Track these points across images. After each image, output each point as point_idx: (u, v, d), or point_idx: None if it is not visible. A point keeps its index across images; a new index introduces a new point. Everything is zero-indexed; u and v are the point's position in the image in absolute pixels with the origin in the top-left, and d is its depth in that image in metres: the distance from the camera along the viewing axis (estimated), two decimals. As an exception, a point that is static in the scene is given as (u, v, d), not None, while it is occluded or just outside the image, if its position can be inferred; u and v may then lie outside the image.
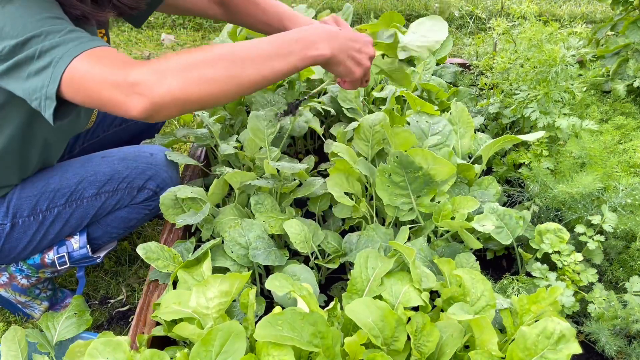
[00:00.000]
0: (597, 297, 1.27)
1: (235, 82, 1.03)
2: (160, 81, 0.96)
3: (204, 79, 0.99)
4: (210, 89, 1.01)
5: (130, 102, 0.96)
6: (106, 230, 1.56)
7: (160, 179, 1.55)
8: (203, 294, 1.08)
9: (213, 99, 1.02)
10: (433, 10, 3.72)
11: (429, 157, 1.35)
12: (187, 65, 0.99)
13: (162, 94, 0.96)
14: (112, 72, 0.97)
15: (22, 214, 1.43)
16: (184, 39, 3.53)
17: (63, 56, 0.99)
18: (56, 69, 0.99)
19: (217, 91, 1.02)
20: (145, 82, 0.95)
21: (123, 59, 1.01)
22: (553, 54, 1.67)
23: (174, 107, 0.99)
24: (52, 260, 1.51)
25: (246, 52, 1.04)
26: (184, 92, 0.98)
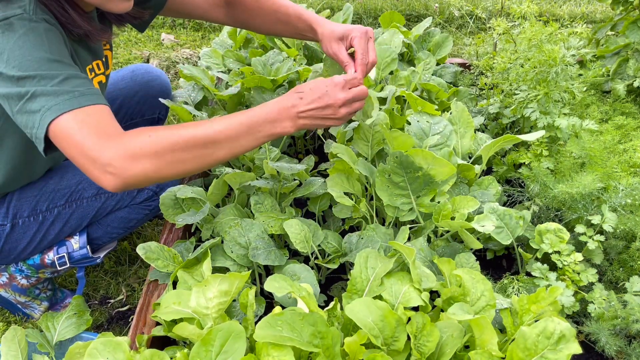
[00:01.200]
0: (597, 297, 1.27)
1: (206, 162, 1.11)
2: (133, 165, 1.02)
3: (177, 162, 1.06)
4: (182, 169, 1.09)
5: (103, 179, 1.03)
6: (106, 230, 1.56)
7: None
8: (203, 294, 1.08)
9: (184, 175, 1.11)
10: (433, 10, 3.72)
11: (429, 157, 1.35)
12: (161, 150, 1.04)
13: (135, 175, 1.03)
14: (89, 146, 1.02)
15: (22, 214, 1.43)
16: (184, 38, 3.53)
17: (52, 108, 1.03)
18: (43, 118, 1.03)
19: (189, 170, 1.10)
20: (118, 166, 1.01)
21: (105, 128, 1.04)
22: (553, 54, 1.67)
23: (146, 184, 1.08)
24: (52, 260, 1.51)
25: (218, 135, 1.10)
26: (157, 174, 1.05)
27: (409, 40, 2.29)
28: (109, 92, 1.79)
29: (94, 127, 1.03)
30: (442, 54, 2.36)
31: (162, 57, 3.23)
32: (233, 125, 1.12)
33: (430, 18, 2.45)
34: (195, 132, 1.08)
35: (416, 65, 2.20)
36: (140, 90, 1.85)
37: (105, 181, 1.03)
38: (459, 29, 3.61)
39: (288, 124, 1.17)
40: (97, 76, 1.41)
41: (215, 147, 1.10)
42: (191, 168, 1.10)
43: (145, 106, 1.88)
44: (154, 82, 1.87)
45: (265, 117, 1.15)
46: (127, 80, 1.85)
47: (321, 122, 1.20)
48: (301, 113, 1.17)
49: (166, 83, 1.92)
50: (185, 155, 1.07)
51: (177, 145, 1.06)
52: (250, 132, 1.13)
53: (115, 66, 3.17)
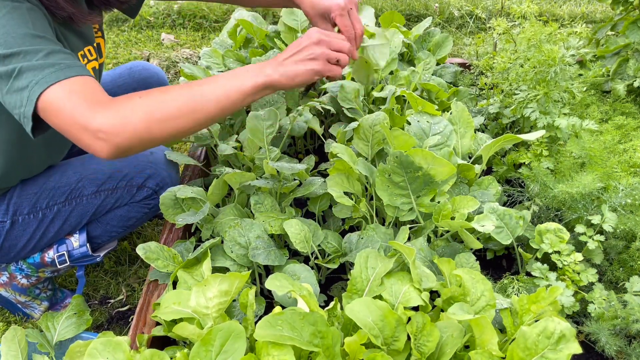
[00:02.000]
0: (597, 297, 1.27)
1: (197, 117, 1.10)
2: (124, 128, 1.01)
3: (167, 120, 1.06)
4: (174, 127, 1.07)
5: (96, 145, 1.02)
6: (106, 228, 1.56)
7: (160, 178, 1.55)
8: (203, 294, 1.08)
9: (177, 136, 1.10)
10: (433, 10, 3.72)
11: (429, 157, 1.35)
12: (150, 108, 1.04)
13: (127, 137, 1.02)
14: (80, 113, 1.01)
15: (22, 211, 1.43)
16: (184, 38, 3.53)
17: (39, 82, 1.02)
18: (32, 93, 1.02)
19: (181, 128, 1.09)
20: (109, 129, 1.01)
21: (93, 96, 1.04)
22: (552, 54, 1.67)
23: (139, 147, 1.06)
24: (52, 258, 1.51)
25: (203, 86, 1.10)
26: (149, 134, 1.05)
27: (409, 40, 2.29)
28: (107, 89, 1.80)
29: (83, 96, 1.03)
30: (442, 54, 2.36)
31: (162, 57, 3.23)
32: (216, 78, 1.13)
33: (430, 18, 2.45)
34: (182, 87, 1.09)
35: (416, 65, 2.20)
36: (138, 87, 1.85)
37: (98, 147, 1.02)
38: (459, 29, 3.61)
39: (270, 70, 1.16)
40: (90, 62, 1.41)
41: (202, 100, 1.09)
42: (183, 125, 1.09)
43: None
44: (152, 79, 1.87)
45: (248, 68, 1.17)
46: (124, 77, 1.85)
47: (304, 67, 1.19)
48: (279, 63, 1.18)
49: (164, 80, 1.92)
50: (174, 111, 1.06)
51: (165, 102, 1.05)
52: (235, 77, 1.13)
53: (115, 66, 3.17)
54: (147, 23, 3.69)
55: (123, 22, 3.70)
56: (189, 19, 3.71)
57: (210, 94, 1.10)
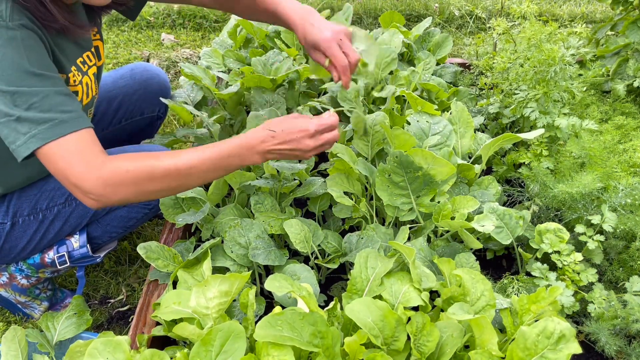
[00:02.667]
0: (597, 297, 1.27)
1: (178, 191, 1.24)
2: (112, 195, 1.13)
3: (152, 192, 1.18)
4: (156, 196, 1.22)
5: (86, 201, 1.15)
6: (106, 229, 1.56)
7: None
8: (203, 294, 1.08)
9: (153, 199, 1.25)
10: (433, 10, 3.72)
11: (429, 157, 1.35)
12: (139, 181, 1.15)
13: (114, 202, 1.15)
14: (72, 175, 1.11)
15: (22, 213, 1.43)
16: (184, 38, 3.53)
17: (36, 135, 1.09)
18: (28, 144, 1.09)
19: (162, 196, 1.24)
20: (99, 195, 1.12)
21: (86, 156, 1.12)
22: (552, 54, 1.67)
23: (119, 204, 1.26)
24: (52, 259, 1.51)
25: (190, 169, 1.18)
26: (135, 199, 1.19)
27: (408, 40, 2.29)
28: (109, 90, 1.79)
29: (77, 156, 1.11)
30: (442, 54, 2.36)
31: (162, 57, 3.23)
32: (203, 160, 1.19)
33: (430, 18, 2.45)
34: (170, 165, 1.17)
35: (416, 65, 2.20)
36: (140, 89, 1.85)
37: (88, 204, 1.15)
38: (459, 29, 3.61)
39: (256, 158, 1.24)
40: (90, 68, 1.41)
41: (187, 179, 1.19)
42: (165, 195, 1.23)
43: (144, 104, 1.89)
44: (153, 80, 1.87)
45: (234, 152, 1.22)
46: (126, 78, 1.85)
47: (289, 158, 1.28)
48: (270, 151, 1.24)
49: (165, 81, 1.92)
50: (160, 185, 1.17)
51: (153, 178, 1.15)
52: (219, 167, 1.22)
53: (116, 66, 3.17)
54: (147, 23, 3.69)
55: (123, 22, 3.70)
56: (189, 19, 3.71)
57: (197, 177, 1.20)
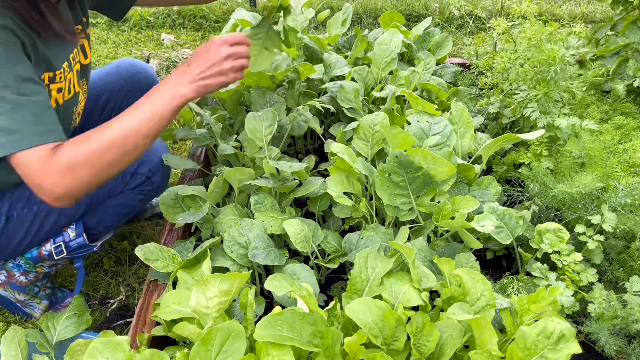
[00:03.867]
0: (597, 297, 1.27)
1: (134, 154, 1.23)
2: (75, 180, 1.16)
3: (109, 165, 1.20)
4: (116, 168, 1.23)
5: (53, 199, 1.17)
6: (101, 218, 1.56)
7: (152, 164, 1.55)
8: (203, 294, 1.08)
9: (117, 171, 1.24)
10: (433, 10, 3.72)
11: (429, 157, 1.35)
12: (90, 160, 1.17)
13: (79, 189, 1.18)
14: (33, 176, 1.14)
15: (15, 206, 1.43)
16: (184, 38, 3.53)
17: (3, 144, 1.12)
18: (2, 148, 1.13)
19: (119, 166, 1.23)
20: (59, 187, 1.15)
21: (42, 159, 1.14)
22: (552, 54, 1.67)
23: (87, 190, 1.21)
24: (50, 251, 1.51)
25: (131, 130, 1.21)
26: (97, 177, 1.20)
27: (408, 40, 2.29)
28: (95, 87, 1.79)
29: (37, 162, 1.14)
30: (442, 54, 2.36)
31: (162, 57, 3.22)
32: (139, 114, 1.23)
33: (430, 18, 2.45)
34: (111, 133, 1.19)
35: (416, 65, 2.20)
36: (126, 85, 1.85)
37: (56, 202, 1.18)
38: (459, 29, 3.61)
39: (185, 90, 1.27)
40: (75, 64, 1.42)
41: (130, 139, 1.21)
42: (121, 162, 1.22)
43: (132, 100, 1.86)
44: (139, 76, 1.87)
45: (163, 98, 1.26)
46: (112, 75, 1.85)
47: (215, 81, 1.30)
48: (193, 80, 1.28)
49: (152, 76, 1.92)
50: (111, 156, 1.19)
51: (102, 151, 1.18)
52: (155, 117, 1.24)
53: (115, 66, 3.17)
54: (147, 23, 3.70)
55: (123, 22, 3.70)
56: (189, 19, 3.71)
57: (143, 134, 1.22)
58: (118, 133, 1.19)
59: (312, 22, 3.59)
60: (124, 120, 1.22)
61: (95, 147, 1.17)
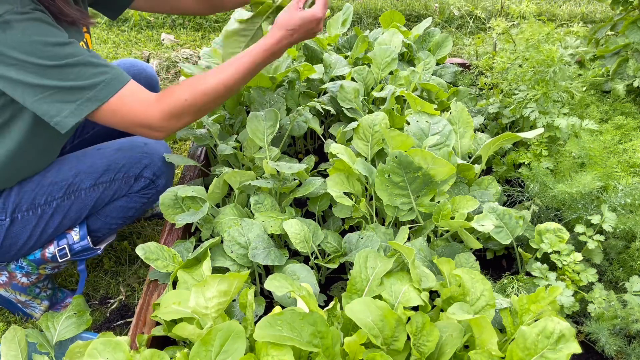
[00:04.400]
0: (597, 297, 1.27)
1: (227, 98, 1.41)
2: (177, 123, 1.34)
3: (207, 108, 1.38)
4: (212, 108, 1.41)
5: (153, 134, 1.34)
6: (106, 221, 1.57)
7: (157, 167, 1.55)
8: (202, 294, 1.08)
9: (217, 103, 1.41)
10: (433, 10, 3.72)
11: (428, 157, 1.35)
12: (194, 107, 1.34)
13: (179, 128, 1.36)
14: (137, 116, 1.29)
15: (20, 208, 1.43)
16: (184, 38, 3.53)
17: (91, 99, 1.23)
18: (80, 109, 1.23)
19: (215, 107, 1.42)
20: (166, 126, 1.32)
21: (143, 100, 1.29)
22: (550, 54, 1.67)
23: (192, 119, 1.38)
24: (53, 253, 1.51)
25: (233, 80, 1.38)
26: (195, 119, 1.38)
27: (408, 40, 2.29)
28: None
29: (136, 102, 1.28)
30: (442, 54, 2.36)
31: (162, 57, 3.23)
32: (244, 67, 1.39)
33: (430, 18, 2.45)
34: (217, 83, 1.35)
35: (416, 65, 2.20)
36: None
37: (155, 136, 1.34)
38: (459, 29, 3.61)
39: (284, 51, 1.46)
40: None
41: (232, 87, 1.38)
42: (217, 105, 1.41)
43: None
44: (140, 76, 1.87)
45: (266, 56, 1.42)
46: None
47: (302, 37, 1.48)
48: (292, 42, 1.45)
49: (153, 75, 1.92)
50: (212, 104, 1.37)
51: (207, 99, 1.35)
52: (255, 71, 1.43)
53: (115, 66, 3.17)
54: (147, 23, 3.70)
55: (123, 22, 3.71)
56: (189, 19, 3.71)
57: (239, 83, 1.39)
58: (219, 86, 1.35)
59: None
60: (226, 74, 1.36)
61: (201, 96, 1.33)
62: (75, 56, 1.21)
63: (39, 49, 1.16)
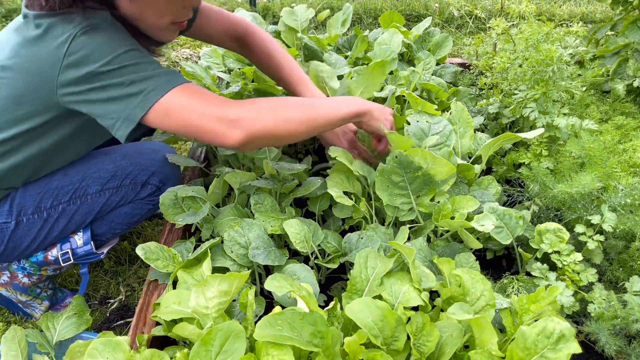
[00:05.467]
0: (597, 297, 1.27)
1: (310, 125, 1.28)
2: (258, 119, 1.17)
3: (290, 120, 1.23)
4: (293, 128, 1.24)
5: (231, 133, 1.16)
6: (110, 226, 1.57)
7: (163, 175, 1.56)
8: (202, 294, 1.08)
9: (293, 136, 1.26)
10: (433, 10, 3.72)
11: (429, 157, 1.35)
12: (275, 107, 1.22)
13: (259, 129, 1.17)
14: (213, 107, 1.15)
15: (26, 211, 1.43)
16: (184, 38, 3.53)
17: (156, 88, 1.14)
18: (147, 99, 1.14)
19: (297, 130, 1.25)
20: (246, 118, 1.16)
21: (217, 96, 1.19)
22: (550, 54, 1.67)
23: (264, 141, 1.22)
24: (56, 257, 1.51)
25: (316, 106, 1.31)
26: (276, 128, 1.21)
27: (408, 40, 2.29)
28: None
29: (208, 96, 1.17)
30: (442, 54, 2.36)
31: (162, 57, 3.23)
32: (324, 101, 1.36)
33: (430, 18, 2.45)
34: (297, 100, 1.31)
35: (416, 65, 2.20)
36: None
37: (232, 135, 1.15)
38: (459, 29, 3.61)
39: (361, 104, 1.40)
40: None
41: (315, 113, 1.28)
42: (298, 129, 1.25)
43: None
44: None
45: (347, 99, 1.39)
46: None
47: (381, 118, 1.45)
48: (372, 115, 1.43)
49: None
50: (295, 114, 1.24)
51: (287, 108, 1.24)
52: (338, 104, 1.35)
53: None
54: (147, 23, 3.70)
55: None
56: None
57: (321, 112, 1.30)
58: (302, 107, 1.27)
59: (312, 22, 3.59)
60: (312, 108, 1.29)
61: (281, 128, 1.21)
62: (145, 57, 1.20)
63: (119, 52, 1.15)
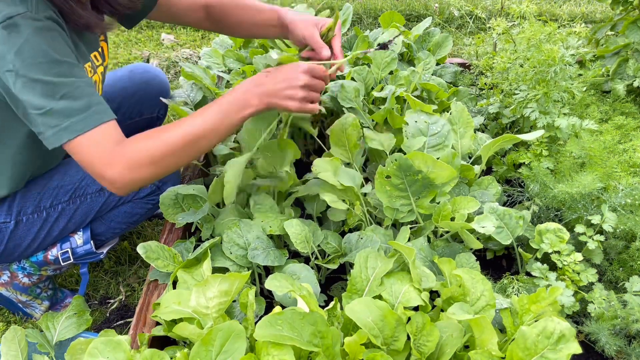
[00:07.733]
0: (597, 297, 1.27)
1: (193, 156, 1.26)
2: (133, 175, 1.17)
3: (169, 165, 1.22)
4: (174, 167, 1.25)
5: (112, 189, 1.20)
6: (110, 225, 1.57)
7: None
8: (203, 294, 1.08)
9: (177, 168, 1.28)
10: (433, 10, 3.72)
11: (429, 160, 1.35)
12: (156, 158, 1.18)
13: (135, 182, 1.19)
14: (96, 165, 1.16)
15: (25, 211, 1.43)
16: (184, 38, 3.53)
17: (67, 128, 1.13)
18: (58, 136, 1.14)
19: (180, 165, 1.27)
20: (120, 180, 1.17)
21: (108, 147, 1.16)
22: (552, 54, 1.67)
23: (146, 185, 1.32)
24: (56, 256, 1.51)
25: (200, 130, 1.23)
26: (154, 177, 1.22)
27: (408, 40, 2.29)
28: (108, 91, 1.79)
29: (100, 148, 1.16)
30: (442, 54, 2.36)
31: (162, 57, 3.23)
32: (211, 116, 1.24)
33: (430, 18, 2.45)
34: (182, 133, 1.21)
35: (416, 65, 2.20)
36: (139, 90, 1.85)
37: (116, 191, 1.20)
38: (459, 29, 3.61)
39: (256, 102, 1.27)
40: (98, 67, 1.42)
41: (200, 140, 1.23)
42: (182, 163, 1.25)
43: (144, 105, 1.88)
44: (153, 82, 1.87)
45: (234, 105, 1.26)
46: (125, 80, 1.85)
47: (282, 103, 1.29)
48: (264, 94, 1.28)
49: (164, 82, 1.92)
50: (176, 157, 1.21)
51: (168, 151, 1.19)
52: (224, 120, 1.25)
53: (116, 66, 3.17)
54: (147, 23, 3.69)
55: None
56: (189, 19, 3.71)
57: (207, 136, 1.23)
58: (182, 137, 1.21)
59: (312, 22, 3.58)
60: (191, 124, 1.22)
61: (160, 149, 1.19)
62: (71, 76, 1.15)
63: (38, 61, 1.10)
